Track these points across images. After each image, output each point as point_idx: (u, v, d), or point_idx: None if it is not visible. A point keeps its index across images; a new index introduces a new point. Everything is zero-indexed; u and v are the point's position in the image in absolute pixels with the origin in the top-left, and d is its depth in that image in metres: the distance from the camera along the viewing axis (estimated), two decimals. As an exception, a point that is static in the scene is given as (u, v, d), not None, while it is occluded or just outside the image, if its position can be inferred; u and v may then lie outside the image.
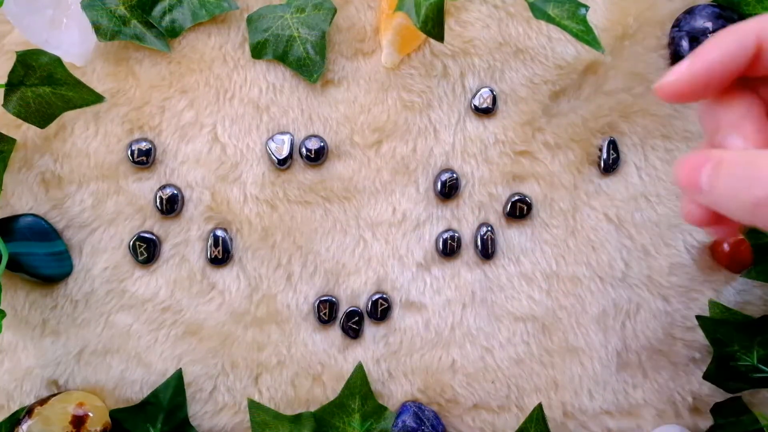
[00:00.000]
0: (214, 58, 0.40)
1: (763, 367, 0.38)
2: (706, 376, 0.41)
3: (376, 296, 0.41)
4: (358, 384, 0.40)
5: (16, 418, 0.38)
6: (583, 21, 0.32)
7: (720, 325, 0.39)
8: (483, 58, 0.41)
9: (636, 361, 0.41)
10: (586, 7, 0.33)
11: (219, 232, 0.40)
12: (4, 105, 0.36)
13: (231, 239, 0.40)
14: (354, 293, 0.41)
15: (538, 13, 0.33)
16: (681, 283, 0.41)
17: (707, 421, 0.42)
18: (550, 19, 0.33)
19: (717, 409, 0.41)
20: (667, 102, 0.30)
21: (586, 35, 0.32)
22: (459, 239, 0.41)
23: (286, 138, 0.40)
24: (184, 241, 0.40)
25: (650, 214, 0.41)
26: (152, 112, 0.40)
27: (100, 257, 0.40)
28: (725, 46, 0.25)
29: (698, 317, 0.40)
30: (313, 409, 0.41)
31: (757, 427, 0.39)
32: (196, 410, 0.40)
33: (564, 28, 0.33)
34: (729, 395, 0.41)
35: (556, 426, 0.41)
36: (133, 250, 0.40)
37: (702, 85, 0.26)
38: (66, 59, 0.36)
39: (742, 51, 0.25)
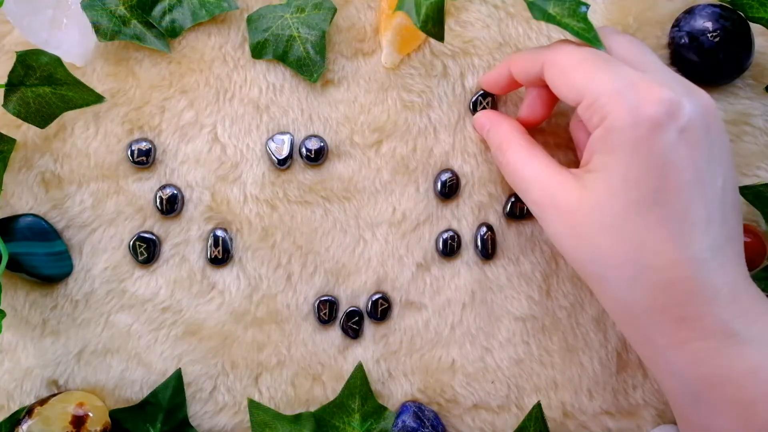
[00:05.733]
0: (214, 58, 0.40)
1: None
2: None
3: (376, 296, 0.41)
4: (358, 384, 0.40)
5: (16, 418, 0.38)
6: (584, 19, 0.32)
7: None
8: (483, 58, 0.41)
9: (636, 361, 0.41)
10: (587, 5, 0.33)
11: (219, 232, 0.40)
12: (4, 105, 0.36)
13: (231, 239, 0.40)
14: (354, 293, 0.41)
15: (538, 12, 0.33)
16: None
17: (707, 421, 0.42)
18: (550, 18, 0.33)
19: None
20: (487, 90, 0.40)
21: (587, 33, 0.32)
22: (459, 239, 0.41)
23: (286, 138, 0.40)
24: (184, 241, 0.40)
25: (650, 214, 0.41)
26: (152, 112, 0.40)
27: (100, 257, 0.40)
28: (522, 67, 0.36)
29: None
30: (313, 409, 0.41)
31: None
32: (196, 410, 0.41)
33: (565, 26, 0.32)
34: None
35: (556, 426, 0.41)
36: (133, 250, 0.40)
37: (504, 87, 0.39)
38: (66, 59, 0.36)
39: (530, 75, 0.36)
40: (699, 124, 0.30)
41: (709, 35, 0.39)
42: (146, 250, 0.40)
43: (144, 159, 0.40)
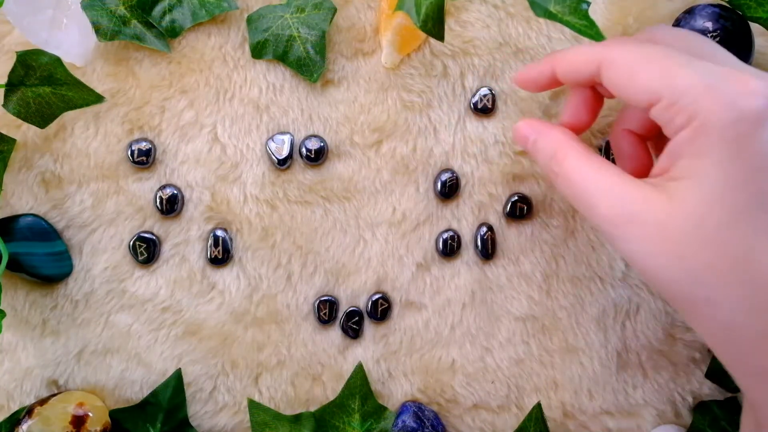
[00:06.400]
0: (214, 58, 0.40)
1: None
2: (709, 374, 0.41)
3: (376, 296, 0.41)
4: (358, 384, 0.40)
5: (16, 418, 0.38)
6: (586, 16, 0.32)
7: None
8: (483, 58, 0.41)
9: (636, 361, 0.41)
10: (588, 2, 0.32)
11: (219, 232, 0.40)
12: (4, 105, 0.36)
13: (231, 239, 0.40)
14: (354, 293, 0.41)
15: (539, 10, 0.33)
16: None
17: (707, 421, 0.42)
18: (551, 16, 0.33)
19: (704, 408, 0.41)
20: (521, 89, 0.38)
21: (589, 30, 0.32)
22: (459, 239, 0.41)
23: (286, 138, 0.40)
24: (184, 241, 0.40)
25: (650, 214, 0.41)
26: (152, 112, 0.40)
27: (100, 257, 0.40)
28: (571, 66, 0.32)
29: None
30: (313, 409, 0.41)
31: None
32: (196, 410, 0.41)
33: (566, 24, 0.32)
34: (729, 395, 0.41)
35: (556, 426, 0.41)
36: (133, 250, 0.40)
37: (543, 86, 0.35)
38: (66, 59, 0.36)
39: (581, 75, 0.32)
40: None
41: (709, 35, 0.38)
42: (146, 250, 0.40)
43: (144, 159, 0.40)
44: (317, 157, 0.40)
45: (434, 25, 0.35)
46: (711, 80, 0.27)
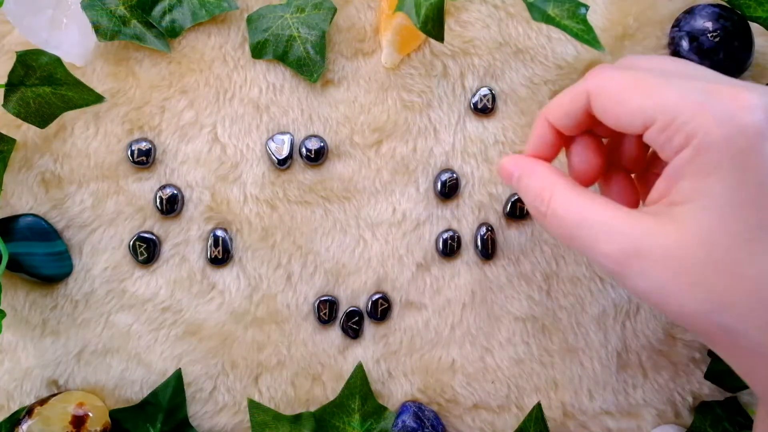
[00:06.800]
0: (214, 58, 0.40)
1: None
2: (708, 375, 0.41)
3: (376, 296, 0.41)
4: (358, 384, 0.40)
5: (16, 418, 0.38)
6: (584, 20, 0.32)
7: None
8: (483, 58, 0.41)
9: (636, 361, 0.41)
10: (586, 7, 0.33)
11: (219, 232, 0.40)
12: (4, 105, 0.36)
13: (231, 239, 0.40)
14: (354, 293, 0.41)
15: (537, 14, 0.33)
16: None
17: (707, 421, 0.42)
18: (549, 20, 0.33)
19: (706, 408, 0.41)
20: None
21: (586, 35, 0.32)
22: (459, 239, 0.41)
23: (286, 138, 0.40)
24: (184, 241, 0.40)
25: (650, 214, 0.41)
26: (152, 112, 0.40)
27: (100, 257, 0.40)
28: (562, 108, 0.31)
29: None
30: (313, 409, 0.41)
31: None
32: (196, 410, 0.41)
33: (564, 28, 0.32)
34: (729, 395, 0.41)
35: (556, 426, 0.41)
36: (133, 250, 0.40)
37: (549, 150, 0.33)
38: (66, 59, 0.36)
39: (574, 115, 0.31)
40: None
41: (709, 35, 0.39)
42: (146, 250, 0.40)
43: (144, 159, 0.40)
44: (317, 157, 0.40)
45: (434, 25, 0.35)
46: (704, 97, 0.26)
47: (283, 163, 0.40)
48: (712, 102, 0.26)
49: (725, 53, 0.39)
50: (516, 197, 0.41)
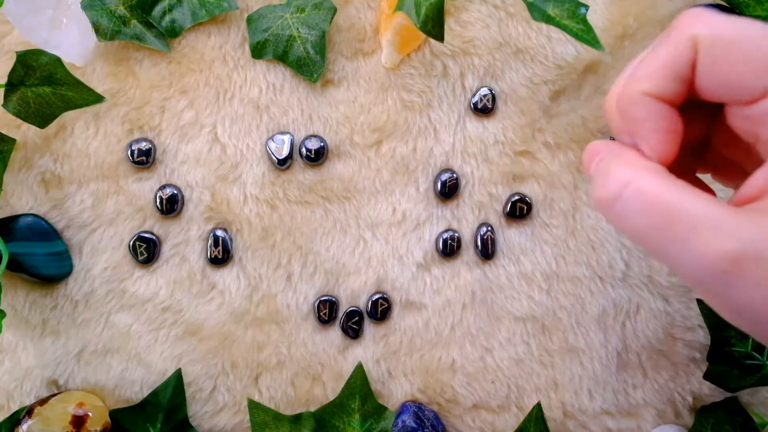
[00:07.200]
0: (214, 58, 0.40)
1: (757, 355, 0.39)
2: (707, 376, 0.41)
3: (376, 296, 0.41)
4: (358, 384, 0.40)
5: (16, 418, 0.38)
6: (583, 20, 0.32)
7: None
8: (483, 58, 0.41)
9: (636, 361, 0.41)
10: (586, 7, 0.33)
11: (219, 232, 0.40)
12: (4, 105, 0.36)
13: (231, 239, 0.40)
14: (354, 293, 0.41)
15: (537, 14, 0.33)
16: (681, 283, 0.41)
17: (707, 421, 0.42)
18: (549, 20, 0.33)
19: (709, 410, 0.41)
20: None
21: (586, 34, 0.32)
22: (459, 239, 0.41)
23: (286, 138, 0.40)
24: (184, 241, 0.40)
25: (650, 214, 0.41)
26: (152, 112, 0.40)
27: (100, 257, 0.40)
28: (655, 71, 0.25)
29: (698, 300, 0.40)
30: (313, 409, 0.41)
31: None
32: (196, 410, 0.41)
33: (564, 28, 0.33)
34: (728, 395, 0.41)
35: (556, 426, 0.41)
36: (133, 250, 0.40)
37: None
38: (66, 59, 0.36)
39: (671, 78, 0.25)
40: None
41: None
42: (146, 250, 0.40)
43: (144, 159, 0.40)
44: (317, 157, 0.40)
45: (434, 25, 0.35)
46: None
47: (283, 163, 0.40)
48: None
49: (725, 53, 0.39)
50: (516, 197, 0.41)
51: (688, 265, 0.22)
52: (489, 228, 0.41)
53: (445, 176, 0.41)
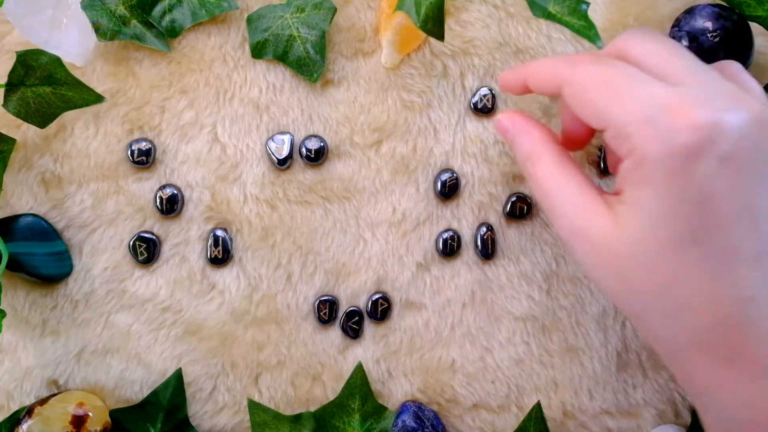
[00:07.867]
0: (214, 58, 0.40)
1: None
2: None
3: (376, 296, 0.41)
4: (358, 384, 0.40)
5: (16, 418, 0.38)
6: (585, 17, 0.32)
7: None
8: (483, 58, 0.41)
9: (636, 361, 0.41)
10: (587, 3, 0.33)
11: (219, 232, 0.40)
12: (4, 105, 0.36)
13: (231, 239, 0.40)
14: (354, 293, 0.41)
15: (538, 11, 0.33)
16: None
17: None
18: (550, 16, 0.33)
19: None
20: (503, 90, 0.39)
21: (587, 30, 0.32)
22: (459, 239, 0.41)
23: (286, 138, 0.40)
24: (184, 241, 0.40)
25: (650, 214, 0.41)
26: (152, 112, 0.40)
27: (100, 257, 0.40)
28: (538, 80, 0.34)
29: None
30: (313, 409, 0.41)
31: None
32: (196, 410, 0.41)
33: (565, 24, 0.32)
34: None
35: (556, 426, 0.41)
36: (133, 250, 0.40)
37: (520, 92, 0.36)
38: (66, 59, 0.36)
39: (548, 90, 0.33)
40: (746, 145, 0.27)
41: (709, 35, 0.39)
42: (146, 250, 0.40)
43: (144, 159, 0.40)
44: (317, 157, 0.40)
45: (434, 24, 0.35)
46: (651, 111, 0.28)
47: (283, 163, 0.40)
48: (657, 118, 0.27)
49: (725, 53, 0.39)
50: (516, 197, 0.41)
51: (555, 231, 0.33)
52: (489, 228, 0.41)
53: (445, 176, 0.41)
